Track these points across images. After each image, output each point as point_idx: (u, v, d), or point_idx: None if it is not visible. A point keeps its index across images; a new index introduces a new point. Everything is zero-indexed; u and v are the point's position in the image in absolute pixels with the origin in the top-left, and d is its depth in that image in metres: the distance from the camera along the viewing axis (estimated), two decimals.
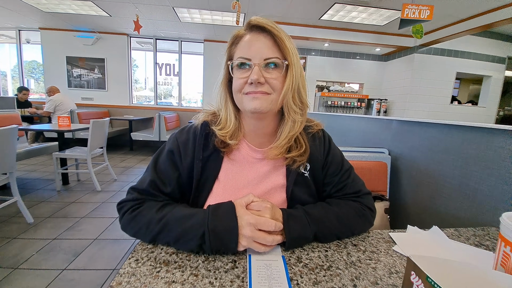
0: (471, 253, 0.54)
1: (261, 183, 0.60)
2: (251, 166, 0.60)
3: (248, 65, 0.52)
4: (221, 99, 0.59)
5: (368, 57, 5.36)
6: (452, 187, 0.94)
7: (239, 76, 0.53)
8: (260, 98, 0.51)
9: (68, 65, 5.10)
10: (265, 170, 0.61)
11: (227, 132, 0.56)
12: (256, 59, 0.51)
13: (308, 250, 0.52)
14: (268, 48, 0.52)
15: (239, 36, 0.55)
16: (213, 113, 0.62)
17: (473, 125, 0.86)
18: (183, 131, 0.61)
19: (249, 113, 0.55)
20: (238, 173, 0.60)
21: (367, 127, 1.54)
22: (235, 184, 0.59)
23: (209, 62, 5.29)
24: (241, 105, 0.55)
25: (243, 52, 0.53)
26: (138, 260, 0.45)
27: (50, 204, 2.24)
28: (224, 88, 0.58)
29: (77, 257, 1.52)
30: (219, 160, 0.59)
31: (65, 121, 2.67)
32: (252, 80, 0.50)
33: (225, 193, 0.58)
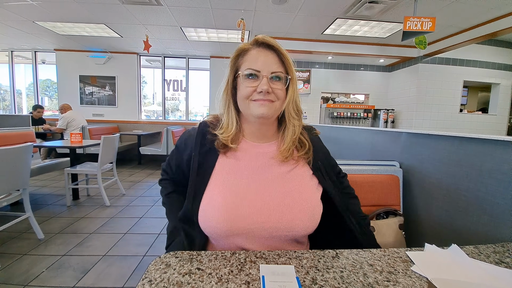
0: (492, 272, 0.51)
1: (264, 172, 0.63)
2: (250, 158, 0.65)
3: (256, 76, 0.60)
4: (224, 104, 0.65)
5: (372, 68, 5.39)
6: (468, 201, 0.91)
7: (248, 85, 0.60)
8: (266, 105, 0.59)
9: (80, 83, 5.32)
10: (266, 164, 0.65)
11: (229, 136, 0.63)
12: (264, 71, 0.59)
13: (323, 271, 0.50)
14: (275, 63, 0.60)
15: (244, 50, 0.63)
16: (215, 116, 0.70)
17: (486, 137, 0.84)
18: (188, 130, 0.72)
19: (254, 118, 0.61)
20: (236, 165, 0.64)
21: (375, 139, 1.53)
22: (233, 174, 0.63)
23: (215, 77, 5.43)
24: (247, 111, 0.62)
25: (252, 64, 0.60)
26: (152, 281, 0.45)
27: (60, 220, 2.27)
28: (227, 94, 0.64)
29: (85, 274, 1.51)
30: (216, 155, 0.65)
31: (77, 138, 2.75)
32: (262, 89, 0.58)
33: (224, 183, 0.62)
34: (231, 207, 0.58)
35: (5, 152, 1.60)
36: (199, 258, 0.53)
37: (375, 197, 1.02)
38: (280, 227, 0.58)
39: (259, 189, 0.61)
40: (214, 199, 0.59)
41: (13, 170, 1.70)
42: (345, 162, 1.13)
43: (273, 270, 0.49)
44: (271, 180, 0.62)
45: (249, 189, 0.60)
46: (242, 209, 0.58)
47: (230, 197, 0.59)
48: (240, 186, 0.60)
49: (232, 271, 0.49)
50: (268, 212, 0.58)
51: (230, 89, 0.64)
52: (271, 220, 0.58)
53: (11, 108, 5.73)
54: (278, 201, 0.60)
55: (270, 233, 0.59)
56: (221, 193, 0.59)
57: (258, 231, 0.58)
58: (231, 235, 0.58)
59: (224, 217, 0.57)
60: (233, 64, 0.64)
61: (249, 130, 0.66)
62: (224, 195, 0.59)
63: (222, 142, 0.62)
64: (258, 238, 0.59)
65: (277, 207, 0.59)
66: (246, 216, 0.57)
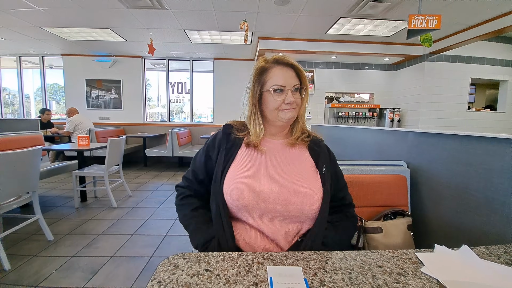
0: (504, 273, 0.50)
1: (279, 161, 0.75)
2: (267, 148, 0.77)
3: (282, 90, 0.72)
4: (250, 114, 0.76)
5: (377, 67, 5.34)
6: (477, 201, 0.89)
7: (276, 98, 0.73)
8: (292, 112, 0.73)
9: (87, 87, 5.41)
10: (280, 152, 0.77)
11: (259, 139, 0.75)
12: (288, 86, 0.72)
13: (331, 272, 0.50)
14: (294, 78, 0.74)
15: (265, 68, 0.75)
16: (240, 122, 0.82)
17: (495, 136, 0.82)
18: (214, 134, 0.82)
19: (283, 122, 0.75)
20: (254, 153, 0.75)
21: (382, 139, 1.51)
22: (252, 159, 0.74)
23: (219, 79, 5.46)
24: (276, 117, 0.75)
25: (278, 81, 0.72)
26: (160, 282, 0.46)
27: (68, 221, 2.30)
28: (254, 106, 0.76)
29: (94, 275, 1.53)
30: (239, 145, 0.77)
31: (85, 141, 2.79)
32: (290, 101, 0.72)
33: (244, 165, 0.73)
34: (248, 183, 0.69)
35: (15, 156, 1.63)
36: (206, 259, 0.53)
37: (382, 198, 1.01)
38: (291, 205, 0.68)
39: (273, 173, 0.72)
40: (235, 176, 0.71)
41: (23, 173, 1.73)
42: (351, 163, 1.12)
43: (281, 272, 0.49)
44: (284, 167, 0.73)
45: (264, 171, 0.72)
46: (258, 186, 0.69)
47: (248, 176, 0.70)
48: (257, 168, 0.72)
49: (240, 272, 0.49)
50: (281, 191, 0.69)
51: (256, 101, 0.75)
52: (283, 199, 0.68)
53: (19, 112, 5.86)
54: (289, 184, 0.70)
55: (281, 211, 0.68)
56: (241, 172, 0.72)
57: (271, 208, 0.68)
58: (248, 208, 0.69)
59: (242, 191, 0.68)
60: (257, 81, 0.75)
61: (270, 131, 0.79)
62: (243, 173, 0.71)
63: (253, 143, 0.75)
64: (271, 215, 0.69)
65: (288, 189, 0.69)
66: (261, 192, 0.68)
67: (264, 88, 0.74)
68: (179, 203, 0.80)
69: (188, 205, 0.78)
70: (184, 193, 0.81)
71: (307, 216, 0.69)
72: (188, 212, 0.77)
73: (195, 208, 0.77)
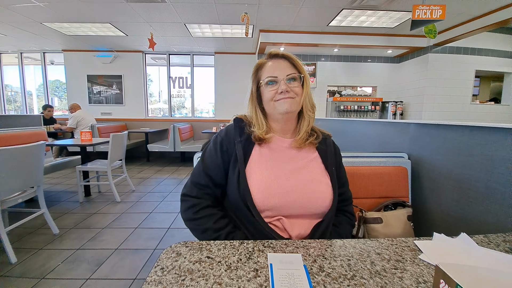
0: (502, 260, 0.51)
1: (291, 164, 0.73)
2: (279, 149, 0.75)
3: (275, 82, 0.72)
4: (251, 111, 0.77)
5: (380, 60, 5.27)
6: (478, 191, 0.89)
7: (269, 89, 0.72)
8: (288, 101, 0.70)
9: (88, 83, 5.42)
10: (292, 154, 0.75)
11: (263, 131, 0.74)
12: (280, 76, 0.71)
13: (330, 259, 0.51)
14: (288, 67, 0.73)
15: (262, 64, 0.76)
16: (246, 117, 0.80)
17: (496, 125, 0.82)
18: (221, 130, 0.79)
19: (280, 115, 0.73)
20: (269, 154, 0.74)
21: (383, 131, 1.51)
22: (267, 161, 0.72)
23: (220, 73, 5.43)
24: (274, 110, 0.73)
25: (270, 73, 0.72)
26: (164, 268, 0.47)
27: (73, 215, 2.34)
28: (253, 102, 0.76)
29: (99, 267, 1.57)
30: (252, 145, 0.74)
31: (87, 136, 2.82)
32: (282, 89, 0.70)
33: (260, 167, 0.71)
34: (265, 187, 0.68)
35: (19, 151, 1.65)
36: (208, 247, 0.54)
37: (383, 189, 1.01)
38: (302, 206, 0.69)
39: (287, 175, 0.71)
40: (252, 179, 0.69)
41: (27, 168, 1.76)
42: (353, 155, 1.12)
43: (281, 259, 0.50)
44: (296, 169, 0.73)
45: (279, 173, 0.71)
46: (274, 189, 0.68)
47: (265, 179, 0.69)
48: (272, 171, 0.71)
49: (241, 259, 0.50)
50: (296, 194, 0.69)
51: (255, 98, 0.76)
52: (300, 200, 0.69)
53: (22, 109, 5.89)
54: (303, 186, 0.70)
55: (292, 212, 0.69)
56: (258, 175, 0.70)
57: (286, 209, 0.69)
58: (265, 210, 0.68)
59: (259, 195, 0.67)
60: (255, 78, 0.76)
61: (276, 127, 0.77)
62: (261, 176, 0.69)
63: (258, 136, 0.73)
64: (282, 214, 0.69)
65: (302, 191, 0.69)
66: (278, 195, 0.68)
67: (259, 83, 0.75)
68: (195, 217, 0.69)
69: (208, 217, 0.69)
70: (200, 204, 0.70)
71: (317, 214, 0.71)
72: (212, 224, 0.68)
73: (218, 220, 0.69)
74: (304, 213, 0.70)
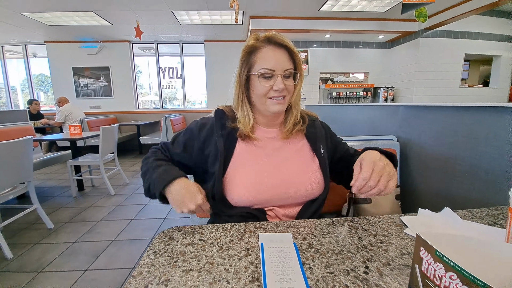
0: (484, 231, 0.53)
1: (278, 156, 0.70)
2: (264, 142, 0.71)
3: (271, 75, 0.64)
4: (237, 100, 0.69)
5: (371, 45, 5.25)
6: (463, 170, 0.92)
7: (265, 84, 0.64)
8: (280, 105, 0.65)
9: (74, 76, 5.23)
10: (278, 146, 0.72)
11: (249, 127, 0.68)
12: (278, 70, 0.63)
13: (319, 236, 0.53)
14: (287, 61, 0.65)
15: (255, 47, 0.65)
16: (229, 107, 0.74)
17: (482, 105, 0.84)
18: (204, 117, 0.74)
19: (270, 113, 0.68)
20: (253, 149, 0.70)
21: (374, 115, 1.53)
22: (251, 156, 0.69)
23: (211, 62, 5.32)
24: (263, 107, 0.67)
25: (267, 63, 0.63)
26: (156, 252, 0.48)
27: (68, 210, 2.33)
28: (240, 90, 0.68)
29: (97, 258, 1.58)
30: (235, 139, 0.70)
31: (76, 130, 2.75)
32: (279, 88, 0.63)
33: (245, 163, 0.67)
34: (252, 184, 0.65)
35: (5, 146, 1.61)
36: (200, 231, 0.55)
37: None
38: (292, 196, 0.68)
39: (274, 169, 0.68)
40: (237, 177, 0.66)
41: (15, 163, 1.72)
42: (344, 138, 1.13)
43: (272, 238, 0.52)
44: (283, 161, 0.69)
45: (265, 168, 0.67)
46: (261, 185, 0.65)
47: (251, 176, 0.66)
48: (258, 166, 0.67)
49: (233, 240, 0.51)
50: (284, 187, 0.67)
51: (243, 86, 0.67)
52: (288, 192, 0.67)
53: (7, 105, 5.69)
54: (291, 178, 0.67)
55: (286, 200, 0.68)
56: (243, 173, 0.66)
57: (276, 201, 0.68)
58: (254, 205, 0.67)
59: (246, 193, 0.65)
60: (245, 61, 0.66)
61: (262, 120, 0.72)
62: (245, 174, 0.66)
63: (243, 133, 0.68)
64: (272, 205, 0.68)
65: (291, 183, 0.67)
66: (265, 191, 0.66)
67: (252, 71, 0.65)
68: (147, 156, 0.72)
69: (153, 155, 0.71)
70: (155, 151, 0.73)
71: (308, 199, 0.70)
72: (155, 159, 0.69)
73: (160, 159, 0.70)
74: (296, 202, 0.69)
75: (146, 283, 0.39)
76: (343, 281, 0.39)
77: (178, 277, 0.40)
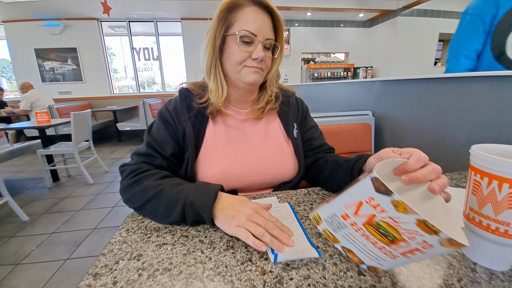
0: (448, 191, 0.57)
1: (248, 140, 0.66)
2: (237, 123, 0.66)
3: (251, 42, 0.56)
4: (209, 66, 0.59)
5: (352, 24, 5.24)
6: (431, 139, 0.98)
7: (243, 49, 0.56)
8: (259, 73, 0.58)
9: (38, 59, 4.78)
10: (250, 128, 0.67)
11: (221, 100, 0.60)
12: (260, 36, 0.55)
13: (295, 206, 0.54)
14: (270, 29, 0.57)
15: (237, 4, 0.56)
16: (195, 83, 0.66)
17: (450, 76, 0.87)
18: (170, 101, 0.65)
19: (244, 84, 0.59)
20: (225, 131, 0.64)
21: (352, 91, 1.55)
22: (223, 140, 0.63)
23: (190, 42, 5.06)
24: (237, 76, 0.58)
25: (249, 26, 0.55)
26: (129, 230, 0.46)
27: (43, 202, 2.22)
28: (214, 54, 0.58)
29: (78, 247, 1.54)
30: (205, 119, 0.63)
31: (44, 117, 2.56)
32: (259, 56, 0.55)
33: (217, 148, 0.62)
34: (224, 169, 0.60)
35: None
36: None
37: (349, 145, 1.07)
38: (266, 181, 0.65)
39: (247, 153, 0.64)
40: (208, 162, 0.61)
41: None
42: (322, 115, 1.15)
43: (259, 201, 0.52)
44: (255, 144, 0.65)
45: (236, 154, 0.63)
46: (234, 170, 0.61)
47: (223, 161, 0.61)
48: (228, 152, 0.62)
49: None
50: (254, 173, 0.63)
51: (217, 49, 0.58)
52: (259, 178, 0.64)
53: None
54: (262, 163, 0.64)
55: (259, 185, 0.65)
56: (215, 158, 0.61)
57: (247, 187, 0.65)
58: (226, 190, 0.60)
59: (218, 179, 0.60)
60: (223, 18, 0.56)
61: (233, 95, 0.64)
62: (217, 159, 0.61)
63: (215, 108, 0.61)
64: (245, 190, 0.66)
65: (263, 168, 0.64)
66: (238, 176, 0.62)
67: (230, 31, 0.56)
68: (132, 181, 0.52)
69: (150, 176, 0.53)
70: (140, 169, 0.55)
71: (281, 182, 0.67)
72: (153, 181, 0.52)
73: (165, 176, 0.54)
74: (270, 186, 0.67)
75: (117, 259, 0.38)
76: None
77: (151, 251, 0.40)
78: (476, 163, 0.34)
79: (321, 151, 0.72)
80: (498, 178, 0.31)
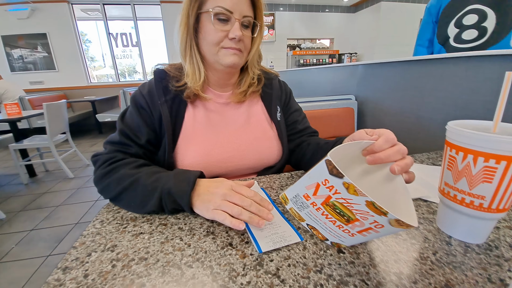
0: (424, 169, 0.59)
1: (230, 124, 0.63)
2: (217, 107, 0.63)
3: (227, 20, 0.52)
4: (185, 47, 0.56)
5: (337, 9, 5.19)
6: (410, 121, 1.00)
7: (219, 28, 0.52)
8: (238, 55, 0.54)
9: (6, 47, 4.39)
10: (231, 112, 0.64)
11: (199, 84, 0.56)
12: (237, 13, 0.51)
13: (277, 189, 0.54)
14: (248, 5, 0.53)
15: None
16: (172, 65, 0.62)
17: (429, 57, 0.88)
18: (144, 84, 0.60)
19: (223, 67, 0.56)
20: (205, 116, 0.61)
21: (335, 76, 1.55)
22: (203, 125, 0.60)
23: (171, 27, 4.82)
24: (215, 58, 0.55)
25: (224, 2, 0.50)
26: (103, 221, 0.44)
27: (19, 198, 2.12)
28: (188, 34, 0.54)
29: (60, 242, 1.50)
30: (183, 103, 0.60)
31: (14, 109, 2.39)
32: (236, 36, 0.51)
33: (196, 134, 0.59)
34: (205, 155, 0.58)
35: None
36: None
37: (332, 129, 1.08)
38: (249, 166, 0.63)
39: (229, 137, 0.61)
40: (188, 148, 0.58)
41: None
42: (306, 100, 1.14)
43: None
44: (237, 128, 0.63)
45: (219, 137, 0.60)
46: (216, 156, 0.59)
47: (203, 146, 0.58)
48: (208, 137, 0.60)
49: None
50: (237, 158, 0.61)
51: (191, 28, 0.53)
52: (243, 163, 0.62)
53: None
54: (246, 145, 0.62)
55: (241, 171, 0.64)
56: (195, 143, 0.58)
57: (233, 172, 0.62)
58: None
59: (198, 165, 0.57)
60: None
61: (213, 78, 0.61)
62: (197, 144, 0.58)
63: (192, 92, 0.57)
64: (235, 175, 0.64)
65: (245, 152, 0.62)
66: (220, 162, 0.60)
67: (203, 8, 0.52)
68: (106, 170, 0.49)
69: (125, 165, 0.50)
70: (114, 158, 0.51)
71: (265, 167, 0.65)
72: (129, 170, 0.49)
73: (141, 165, 0.51)
74: (253, 171, 0.65)
75: (89, 251, 0.36)
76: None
77: (126, 241, 0.38)
78: (452, 138, 0.35)
79: (305, 135, 0.71)
80: (473, 152, 0.31)
